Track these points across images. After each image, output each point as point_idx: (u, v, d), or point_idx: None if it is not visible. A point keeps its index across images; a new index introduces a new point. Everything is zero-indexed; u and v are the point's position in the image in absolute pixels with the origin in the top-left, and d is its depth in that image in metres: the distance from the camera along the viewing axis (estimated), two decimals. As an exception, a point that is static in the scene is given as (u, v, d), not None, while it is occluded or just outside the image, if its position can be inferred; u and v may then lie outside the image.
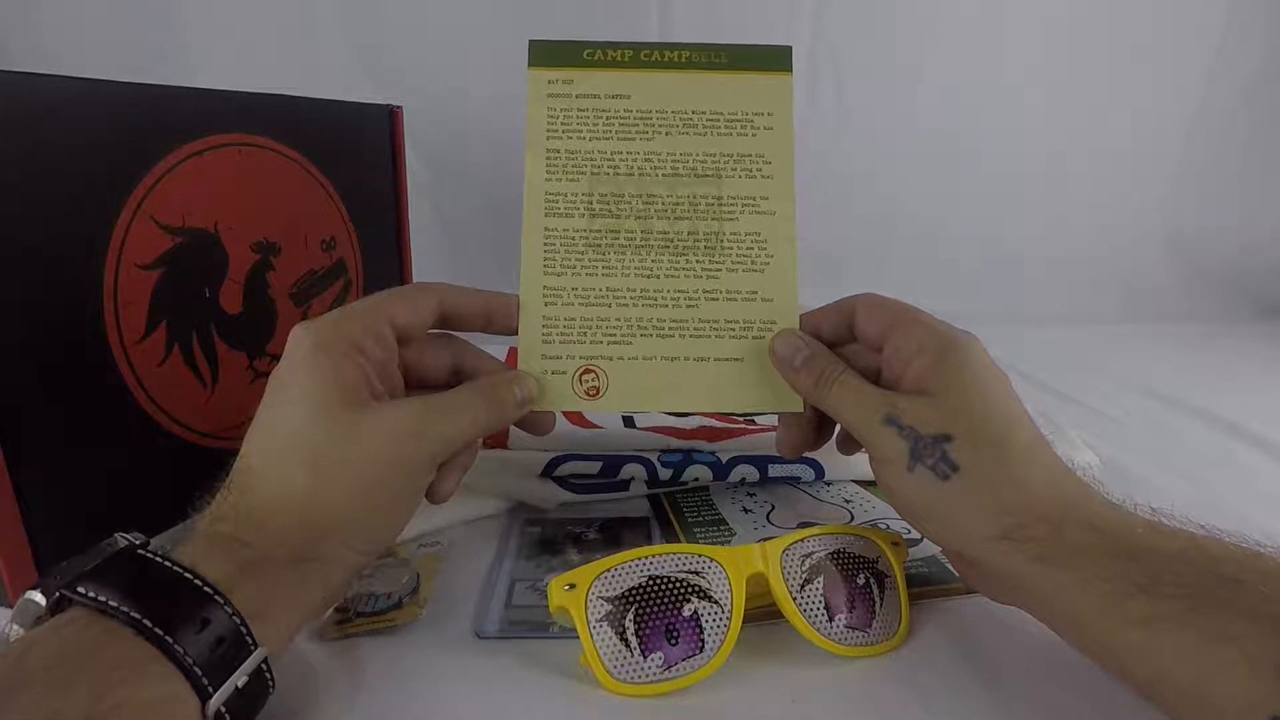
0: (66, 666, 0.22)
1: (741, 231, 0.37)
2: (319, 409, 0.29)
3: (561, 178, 0.37)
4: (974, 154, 1.02)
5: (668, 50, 0.38)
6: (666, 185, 0.37)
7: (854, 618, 0.32)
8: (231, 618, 0.24)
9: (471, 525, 0.43)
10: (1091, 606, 0.26)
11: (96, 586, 0.23)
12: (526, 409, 0.34)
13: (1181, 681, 0.24)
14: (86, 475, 0.36)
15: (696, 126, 0.38)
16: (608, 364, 0.36)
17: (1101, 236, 1.06)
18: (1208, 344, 0.90)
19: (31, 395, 0.33)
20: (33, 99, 0.32)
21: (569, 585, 0.30)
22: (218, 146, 0.41)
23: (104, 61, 0.50)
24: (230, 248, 0.43)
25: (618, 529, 0.42)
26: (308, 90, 0.48)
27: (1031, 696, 0.29)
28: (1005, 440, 0.30)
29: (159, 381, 0.39)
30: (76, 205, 0.35)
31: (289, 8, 0.85)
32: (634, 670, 0.29)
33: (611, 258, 0.36)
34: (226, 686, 0.24)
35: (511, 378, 0.34)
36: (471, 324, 0.35)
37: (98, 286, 0.36)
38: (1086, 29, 0.99)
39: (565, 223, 0.36)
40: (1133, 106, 1.03)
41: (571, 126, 0.37)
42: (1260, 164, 1.06)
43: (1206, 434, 0.61)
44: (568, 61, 0.38)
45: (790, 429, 0.36)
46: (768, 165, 0.37)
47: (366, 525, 0.30)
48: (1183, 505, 0.29)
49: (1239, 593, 0.24)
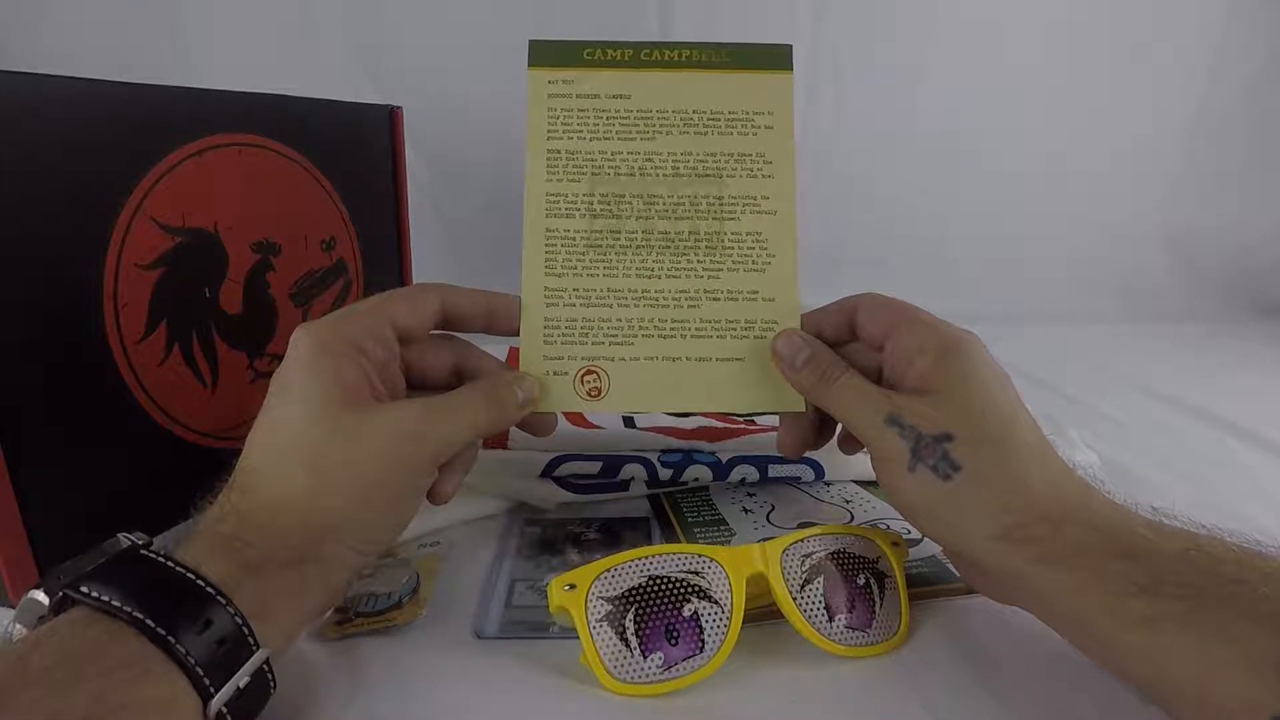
0: (69, 666, 0.22)
1: (743, 231, 0.37)
2: (320, 410, 0.29)
3: (562, 178, 0.37)
4: (974, 154, 1.02)
5: (668, 49, 0.38)
6: (667, 185, 0.37)
7: (854, 618, 0.32)
8: (234, 618, 0.24)
9: (471, 525, 0.43)
10: (1092, 606, 0.26)
11: (99, 586, 0.23)
12: (527, 410, 0.34)
13: (1183, 682, 0.24)
14: (86, 475, 0.36)
15: (697, 126, 0.38)
16: (609, 364, 0.35)
17: (1101, 236, 1.06)
18: (1208, 344, 0.90)
19: (31, 395, 0.33)
20: (33, 99, 0.32)
21: (569, 585, 0.30)
22: (218, 146, 0.41)
23: (104, 61, 0.50)
24: (230, 248, 0.43)
25: (618, 529, 0.42)
26: (308, 90, 0.48)
27: (1031, 696, 0.29)
28: (1006, 440, 0.30)
29: (159, 381, 0.39)
30: (76, 205, 0.35)
31: (289, 8, 0.85)
32: (634, 670, 0.29)
33: (613, 258, 0.36)
34: (228, 687, 0.24)
35: (513, 379, 0.34)
36: (472, 325, 0.35)
37: (98, 286, 0.36)
38: (1086, 29, 0.99)
39: (566, 223, 0.36)
40: (1133, 106, 1.03)
41: (572, 127, 0.37)
42: (1260, 164, 1.06)
43: (1206, 434, 0.60)
44: (568, 61, 0.38)
45: (791, 429, 0.36)
46: (768, 165, 0.37)
47: (368, 526, 0.30)
48: (1183, 505, 0.29)
49: (1241, 593, 0.24)
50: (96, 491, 0.36)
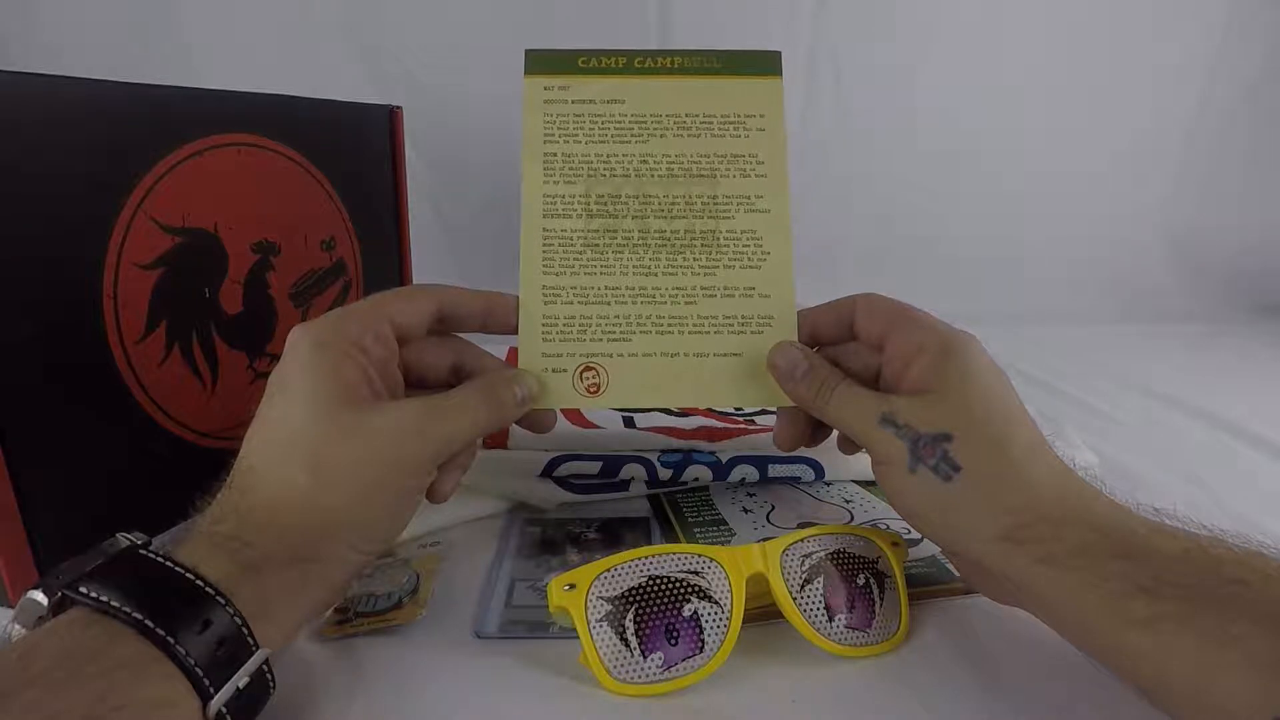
0: (68, 667, 0.22)
1: (737, 229, 0.37)
2: (320, 409, 0.29)
3: (559, 180, 0.37)
4: (974, 153, 1.02)
5: (660, 56, 0.39)
6: (662, 186, 0.37)
7: (854, 618, 0.32)
8: (233, 618, 0.24)
9: (471, 525, 0.43)
10: (1093, 607, 0.26)
11: (99, 587, 0.23)
12: (527, 408, 0.34)
13: (1184, 682, 0.24)
14: (86, 475, 0.36)
15: (690, 129, 0.38)
16: (608, 361, 0.36)
17: (1101, 236, 1.06)
18: (1208, 344, 0.90)
19: (31, 395, 0.33)
20: (33, 99, 0.32)
21: (569, 585, 0.30)
22: (218, 146, 0.41)
23: (104, 61, 0.50)
24: (230, 248, 0.43)
25: (618, 529, 0.42)
26: (308, 90, 0.48)
27: (1031, 696, 0.29)
28: (1006, 440, 0.30)
29: (159, 381, 0.39)
30: (76, 205, 0.35)
31: (289, 8, 0.85)
32: (634, 670, 0.29)
33: (610, 257, 0.36)
34: (228, 687, 0.24)
35: (511, 377, 0.34)
36: (470, 324, 0.35)
37: (98, 286, 0.36)
38: (1086, 29, 0.99)
39: (563, 224, 0.37)
40: (1133, 107, 1.03)
41: (568, 131, 0.38)
42: (1260, 164, 1.06)
43: (1206, 434, 0.60)
44: (563, 69, 0.39)
45: (787, 423, 0.36)
46: (761, 165, 0.38)
47: (368, 525, 0.30)
48: (1183, 505, 0.29)
49: (1241, 594, 0.24)
50: (96, 491, 0.36)
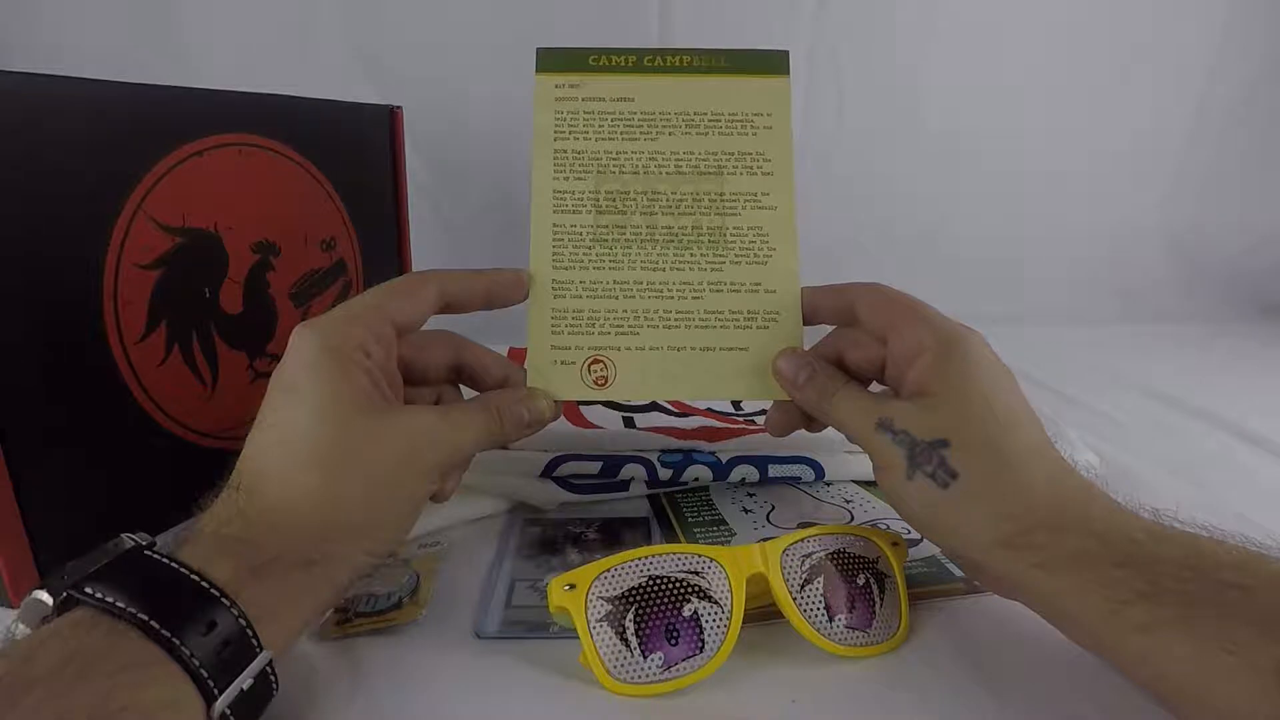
0: (73, 667, 0.22)
1: (744, 226, 0.38)
2: (333, 414, 0.29)
3: (569, 176, 0.38)
4: (974, 154, 1.02)
5: (670, 55, 0.40)
6: (670, 182, 0.38)
7: (854, 618, 0.32)
8: (238, 620, 0.24)
9: (471, 525, 0.43)
10: (1093, 613, 0.26)
11: (104, 587, 0.23)
12: (535, 429, 0.35)
13: (1184, 687, 0.24)
14: (86, 475, 0.36)
15: (698, 126, 0.39)
16: (615, 354, 0.36)
17: (1101, 236, 1.06)
18: (1208, 344, 0.90)
19: (31, 395, 0.33)
20: (33, 99, 0.32)
21: (569, 585, 0.30)
22: (218, 147, 0.41)
23: (104, 61, 0.50)
24: (230, 248, 0.43)
25: (618, 529, 0.42)
26: (308, 91, 0.48)
27: (1031, 696, 0.29)
28: (1005, 444, 0.29)
29: (159, 381, 0.39)
30: (76, 205, 0.35)
31: (289, 8, 0.85)
32: (634, 670, 0.29)
33: (618, 252, 0.37)
34: (232, 689, 0.24)
35: (523, 397, 0.35)
36: (472, 306, 0.35)
37: (98, 286, 0.36)
38: (1086, 29, 0.99)
39: (573, 219, 0.37)
40: (1133, 107, 1.03)
41: (578, 128, 0.38)
42: (1260, 164, 1.06)
43: (1206, 434, 0.60)
44: (574, 67, 0.39)
45: (781, 410, 0.37)
46: (768, 163, 0.38)
47: (378, 528, 0.30)
48: (1183, 505, 0.29)
49: (1241, 598, 0.24)
50: (96, 491, 0.36)
